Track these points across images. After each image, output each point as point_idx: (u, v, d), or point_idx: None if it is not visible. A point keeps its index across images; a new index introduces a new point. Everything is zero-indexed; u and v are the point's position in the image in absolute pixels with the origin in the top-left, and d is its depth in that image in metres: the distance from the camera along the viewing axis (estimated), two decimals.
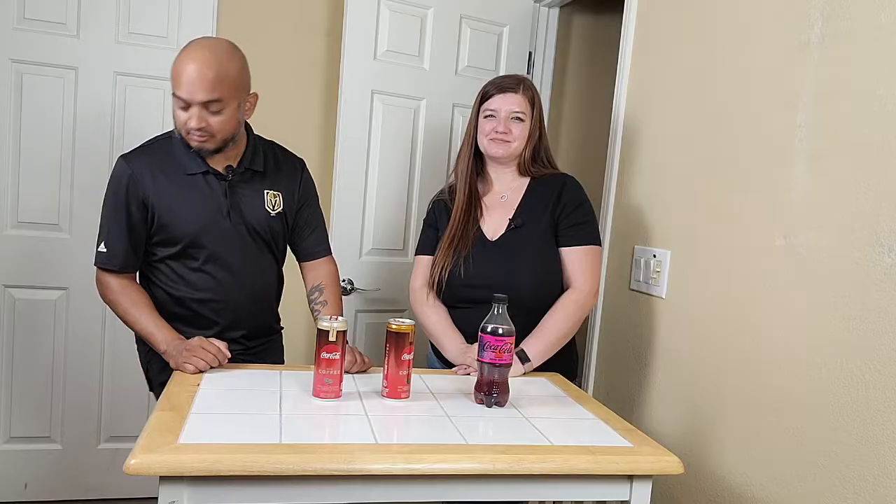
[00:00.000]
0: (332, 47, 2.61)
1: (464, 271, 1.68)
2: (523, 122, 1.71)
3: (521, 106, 1.70)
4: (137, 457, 0.99)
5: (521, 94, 1.71)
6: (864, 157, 1.27)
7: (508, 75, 1.79)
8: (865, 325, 1.24)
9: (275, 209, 1.69)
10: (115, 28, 2.41)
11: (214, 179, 1.61)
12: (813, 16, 1.40)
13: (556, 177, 1.77)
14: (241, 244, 1.64)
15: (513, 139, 1.71)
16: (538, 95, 1.77)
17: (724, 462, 1.57)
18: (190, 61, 1.46)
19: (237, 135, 1.59)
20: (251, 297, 1.69)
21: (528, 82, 1.75)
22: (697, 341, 1.69)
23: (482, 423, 1.28)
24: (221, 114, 1.50)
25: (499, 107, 1.70)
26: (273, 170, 1.72)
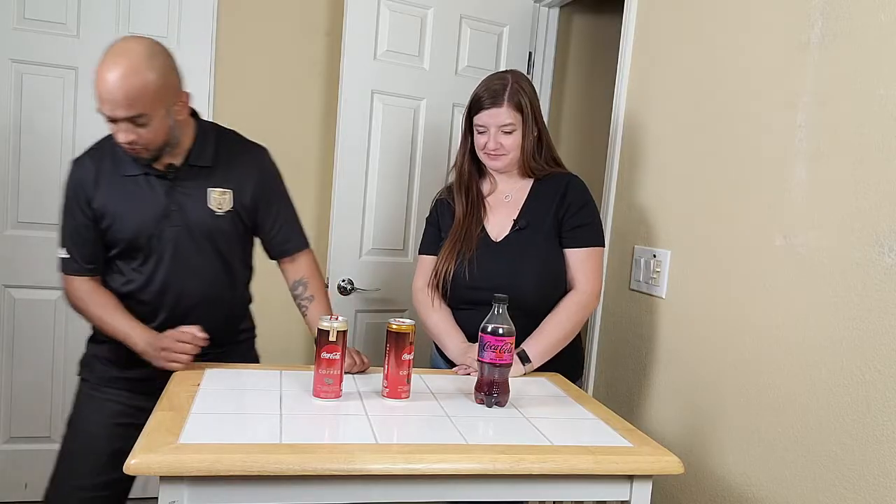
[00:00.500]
0: (332, 47, 2.61)
1: (468, 273, 1.68)
2: (514, 131, 1.67)
3: (508, 118, 1.65)
4: (137, 457, 0.99)
5: (505, 106, 1.64)
6: (864, 157, 1.27)
7: (495, 79, 1.70)
8: (865, 325, 1.24)
9: (221, 208, 1.58)
10: (115, 28, 2.40)
11: (156, 180, 1.54)
12: (813, 16, 1.40)
13: (560, 176, 1.75)
14: (182, 247, 1.56)
15: (506, 151, 1.68)
16: (528, 95, 1.68)
17: (724, 462, 1.57)
18: (107, 75, 1.36)
19: (174, 138, 1.51)
20: (198, 301, 1.60)
21: (515, 86, 1.66)
22: (697, 341, 1.69)
23: (482, 423, 1.28)
24: (149, 126, 1.42)
25: (486, 123, 1.66)
26: (224, 164, 1.61)
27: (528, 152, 1.70)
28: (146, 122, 1.42)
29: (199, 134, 1.60)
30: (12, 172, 2.37)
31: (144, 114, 1.40)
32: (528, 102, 1.67)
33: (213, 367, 1.47)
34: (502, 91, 1.65)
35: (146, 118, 1.41)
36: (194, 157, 1.57)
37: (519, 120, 1.66)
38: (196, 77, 2.50)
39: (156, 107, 1.42)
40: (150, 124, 1.42)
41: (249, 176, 1.63)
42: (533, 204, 1.73)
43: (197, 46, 2.49)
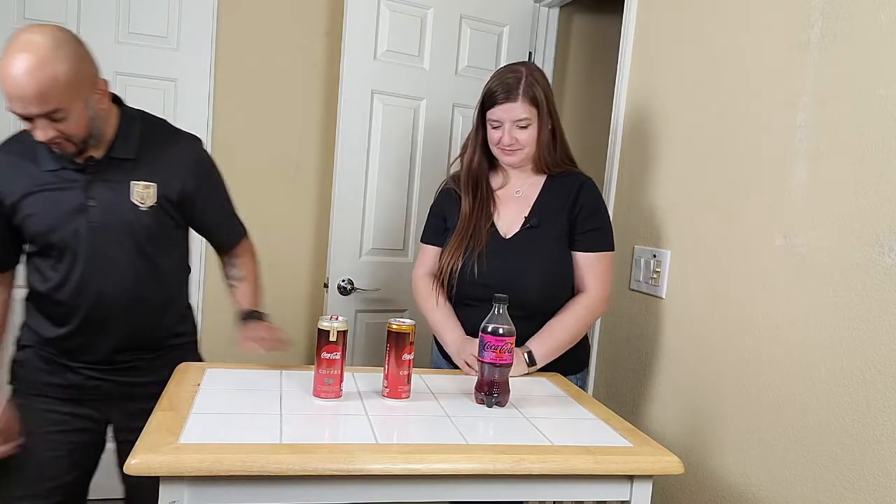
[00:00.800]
0: (332, 47, 2.61)
1: (476, 269, 1.64)
2: (530, 125, 1.63)
3: (523, 112, 1.60)
4: (138, 457, 0.99)
5: (521, 101, 1.60)
6: (864, 157, 1.27)
7: (509, 72, 1.65)
8: (865, 325, 1.24)
9: (144, 203, 1.48)
10: (115, 28, 2.41)
11: (74, 174, 1.44)
12: (813, 16, 1.40)
13: (574, 176, 1.71)
14: (99, 244, 1.46)
15: (521, 146, 1.64)
16: (543, 87, 1.63)
17: (725, 462, 1.57)
18: (13, 71, 1.26)
19: (97, 129, 1.41)
20: (120, 303, 1.50)
21: (529, 79, 1.62)
22: (697, 341, 1.69)
23: (482, 423, 1.27)
24: (68, 120, 1.33)
25: (501, 117, 1.62)
26: (150, 156, 1.50)
27: (543, 147, 1.66)
28: (64, 117, 1.32)
29: (123, 124, 1.50)
30: None
31: (60, 108, 1.31)
32: (543, 95, 1.63)
33: (213, 367, 1.47)
34: (517, 84, 1.60)
35: (63, 112, 1.32)
36: (117, 149, 1.47)
37: (534, 114, 1.62)
38: (196, 77, 2.50)
39: (72, 99, 1.32)
40: (68, 118, 1.33)
41: (178, 168, 1.54)
42: (545, 201, 1.69)
43: (197, 46, 2.50)
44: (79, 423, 1.56)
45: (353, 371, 1.53)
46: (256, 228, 2.64)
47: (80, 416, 1.56)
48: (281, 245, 2.68)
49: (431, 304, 1.74)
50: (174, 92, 2.50)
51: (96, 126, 1.41)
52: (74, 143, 1.38)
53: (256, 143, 2.62)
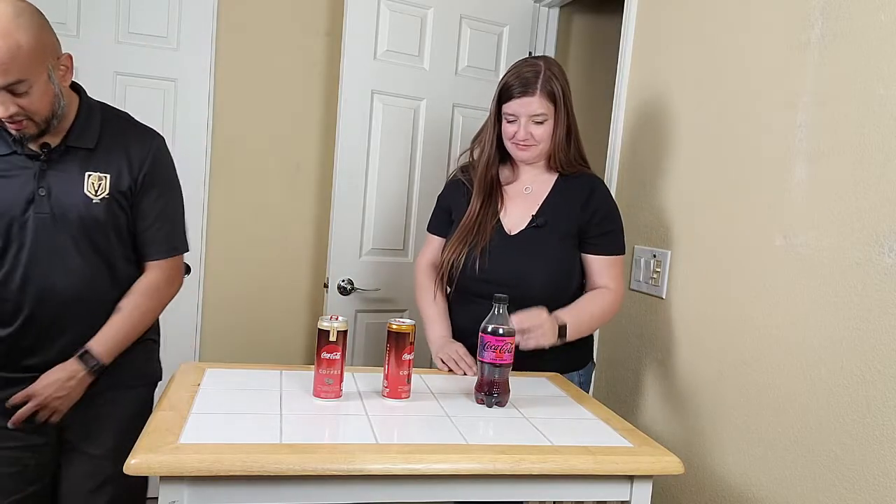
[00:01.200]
0: (332, 47, 2.61)
1: (479, 265, 1.62)
2: (546, 121, 1.61)
3: (540, 107, 1.58)
4: (138, 457, 0.99)
5: (538, 96, 1.58)
6: (864, 157, 1.27)
7: (528, 65, 1.62)
8: (865, 325, 1.24)
9: (98, 194, 1.41)
10: (115, 28, 2.41)
11: (26, 160, 1.38)
12: (813, 16, 1.40)
13: (586, 178, 1.68)
14: (46, 236, 1.38)
15: (536, 142, 1.62)
16: (561, 83, 1.61)
17: (725, 462, 1.57)
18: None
19: (60, 108, 1.36)
20: (69, 300, 1.41)
21: (547, 73, 1.60)
22: (697, 341, 1.69)
23: (482, 423, 1.27)
24: (30, 93, 1.28)
25: (517, 111, 1.60)
26: (107, 147, 1.43)
27: (558, 144, 1.63)
28: (27, 90, 1.28)
29: (83, 112, 1.44)
30: None
31: (23, 79, 1.26)
32: (560, 91, 1.60)
33: (214, 367, 1.47)
34: (535, 79, 1.58)
35: (26, 84, 1.27)
36: (74, 137, 1.41)
37: (552, 110, 1.60)
38: (196, 77, 2.50)
39: (35, 70, 1.28)
40: (31, 92, 1.28)
41: (134, 161, 1.45)
42: (554, 201, 1.66)
43: (197, 46, 2.49)
44: (34, 439, 1.44)
45: (353, 371, 1.53)
46: (257, 228, 2.65)
47: (34, 430, 1.42)
48: (281, 245, 2.68)
49: (429, 297, 1.74)
50: (174, 92, 2.49)
51: (60, 105, 1.36)
52: (36, 122, 1.33)
53: (256, 143, 2.62)
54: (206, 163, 2.56)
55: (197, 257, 2.59)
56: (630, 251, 1.98)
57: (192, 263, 2.58)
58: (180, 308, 2.57)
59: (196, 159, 2.55)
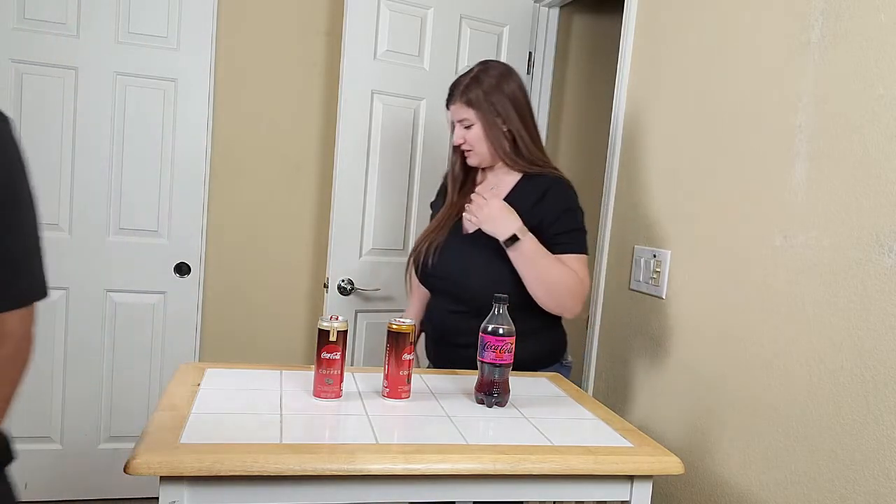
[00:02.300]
0: (332, 47, 2.61)
1: (431, 262, 1.69)
2: (472, 127, 1.65)
3: (462, 113, 1.65)
4: (138, 457, 0.99)
5: (458, 103, 1.65)
6: (864, 158, 1.27)
7: (464, 73, 1.69)
8: (865, 324, 1.24)
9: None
10: (115, 28, 2.41)
11: None
12: (813, 16, 1.40)
13: (546, 178, 1.67)
14: None
15: (470, 146, 1.68)
16: (484, 87, 1.62)
17: (725, 462, 1.57)
18: None
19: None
20: None
21: (472, 80, 1.64)
22: (698, 341, 1.69)
23: (482, 423, 1.28)
24: None
25: (452, 118, 1.70)
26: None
27: (498, 145, 1.65)
28: None
29: None
30: None
31: None
32: (481, 95, 1.62)
33: (214, 367, 1.47)
34: (457, 87, 1.67)
35: None
36: None
37: (472, 114, 1.64)
38: (196, 77, 2.51)
39: None
40: None
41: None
42: (513, 202, 1.62)
43: (197, 46, 2.50)
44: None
45: (353, 371, 1.53)
46: (257, 228, 2.65)
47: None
48: (281, 245, 2.69)
49: (411, 295, 1.90)
50: (174, 92, 2.50)
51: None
52: None
53: (256, 143, 2.62)
54: (206, 163, 2.56)
55: (197, 257, 2.59)
56: (630, 251, 1.98)
57: (192, 263, 2.58)
58: (180, 308, 2.58)
59: (196, 159, 2.55)
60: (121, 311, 2.52)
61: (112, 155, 2.46)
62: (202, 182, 2.56)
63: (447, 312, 1.70)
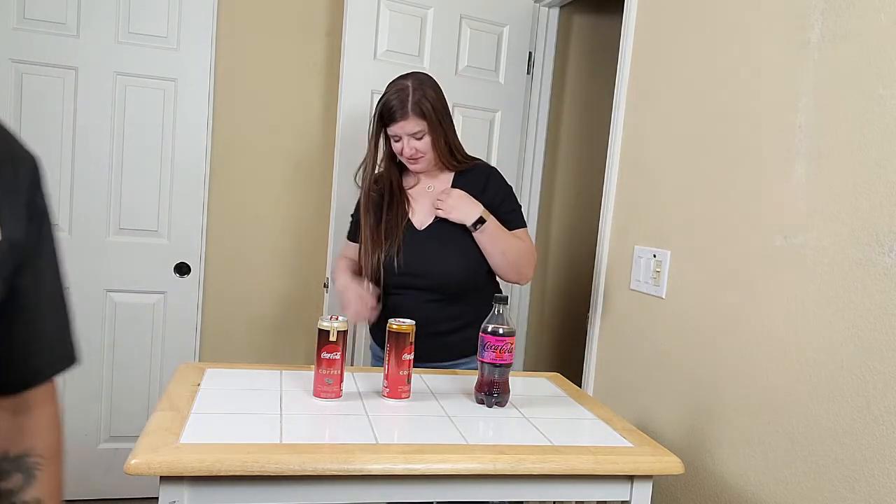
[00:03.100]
0: (332, 47, 2.61)
1: (397, 261, 1.74)
2: (423, 137, 1.74)
3: (414, 126, 1.72)
4: (138, 457, 0.99)
5: (410, 117, 1.71)
6: (864, 158, 1.27)
7: (396, 89, 1.75)
8: (865, 324, 1.24)
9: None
10: (115, 28, 2.41)
11: None
12: (813, 16, 1.40)
13: (479, 168, 1.85)
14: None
15: (422, 154, 1.76)
16: (430, 99, 1.74)
17: (725, 462, 1.57)
18: None
19: None
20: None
21: (417, 94, 1.72)
22: (698, 341, 1.69)
23: (482, 423, 1.28)
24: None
25: (397, 132, 1.75)
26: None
27: (442, 150, 1.78)
28: None
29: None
30: None
31: None
32: (431, 107, 1.74)
33: (214, 367, 1.48)
34: (405, 101, 1.72)
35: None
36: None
37: (425, 125, 1.74)
38: (196, 77, 2.51)
39: None
40: None
41: (23, 186, 0.73)
42: None
43: (197, 46, 2.50)
44: None
45: (353, 371, 1.53)
46: (257, 228, 2.65)
47: None
48: (281, 245, 2.69)
49: (339, 266, 1.87)
50: (174, 92, 2.50)
51: None
52: None
53: (256, 142, 2.62)
54: (205, 163, 2.56)
55: (197, 257, 2.59)
56: (630, 251, 1.98)
57: (192, 263, 2.58)
58: (180, 308, 2.58)
59: (196, 159, 2.55)
60: (121, 310, 2.52)
61: (112, 155, 2.46)
62: (202, 182, 2.57)
63: (423, 304, 1.74)
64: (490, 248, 1.74)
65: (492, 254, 1.75)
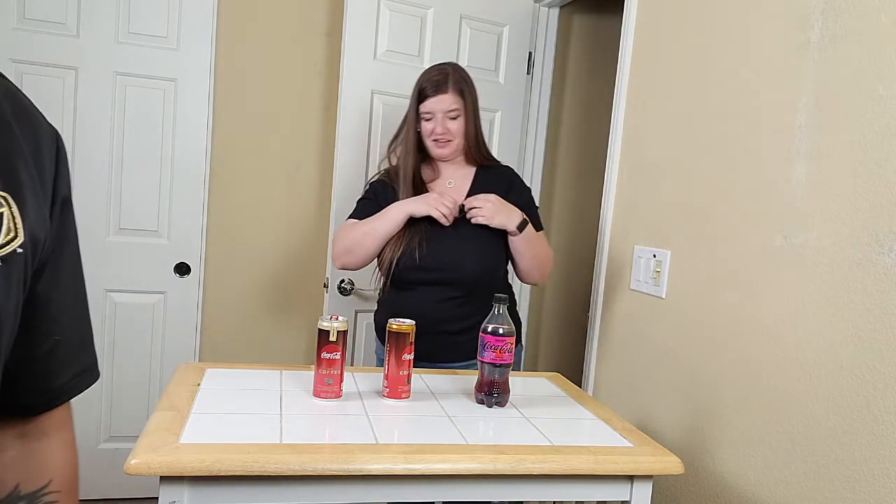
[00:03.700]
0: (332, 47, 2.61)
1: (417, 255, 1.71)
2: (459, 116, 1.76)
3: (452, 103, 1.74)
4: (138, 457, 0.99)
5: (450, 93, 1.74)
6: (864, 158, 1.27)
7: (438, 69, 1.80)
8: (865, 324, 1.24)
9: None
10: (115, 28, 2.41)
11: None
12: (813, 16, 1.40)
13: (502, 169, 1.87)
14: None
15: (452, 136, 1.76)
16: (469, 84, 1.79)
17: (725, 462, 1.57)
18: None
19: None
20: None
21: (456, 74, 1.77)
22: (697, 341, 1.69)
23: (482, 423, 1.28)
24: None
25: (433, 108, 1.75)
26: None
27: (471, 138, 1.79)
28: None
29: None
30: None
31: None
32: (468, 91, 1.78)
33: (214, 367, 1.48)
34: (445, 80, 1.75)
35: None
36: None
37: (462, 105, 1.75)
38: (196, 77, 2.51)
39: None
40: None
41: (47, 170, 0.64)
42: (479, 191, 1.78)
43: (197, 46, 2.50)
44: None
45: (353, 371, 1.53)
46: (257, 228, 2.65)
47: None
48: (281, 244, 2.69)
49: (349, 226, 1.79)
50: (174, 92, 2.50)
51: None
52: None
53: (256, 142, 2.62)
54: (205, 162, 2.56)
55: (197, 257, 2.59)
56: (630, 251, 1.98)
57: (192, 263, 2.58)
58: (180, 308, 2.58)
59: (196, 159, 2.55)
60: (121, 310, 2.52)
61: (112, 154, 2.46)
62: (202, 182, 2.56)
63: (438, 302, 1.73)
64: (525, 250, 1.74)
65: (525, 256, 1.75)
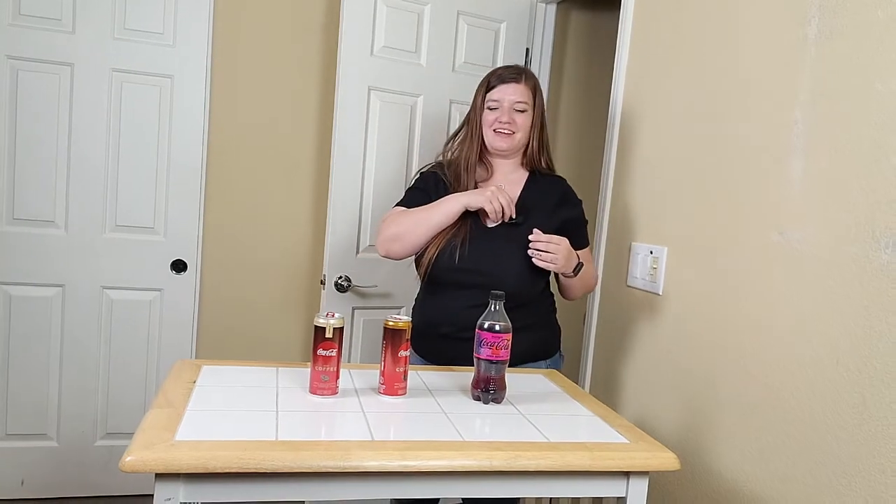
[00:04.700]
0: (328, 43, 2.61)
1: (458, 255, 1.67)
2: (526, 112, 1.73)
3: (523, 96, 1.71)
4: (134, 454, 0.99)
5: (523, 84, 1.72)
6: (861, 154, 1.27)
7: (511, 66, 1.80)
8: (862, 320, 1.24)
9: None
10: (111, 24, 2.40)
11: None
12: (810, 12, 1.40)
13: (555, 177, 1.82)
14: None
15: (516, 129, 1.72)
16: (540, 88, 1.78)
17: (721, 458, 1.57)
18: None
19: None
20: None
21: (530, 72, 1.78)
22: (694, 337, 1.69)
23: (479, 419, 1.27)
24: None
25: (501, 97, 1.71)
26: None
27: (534, 138, 1.76)
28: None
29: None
30: (7, 169, 2.36)
31: None
32: (540, 93, 1.77)
33: (210, 364, 1.47)
34: (520, 73, 1.74)
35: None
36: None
37: (531, 100, 1.73)
38: (193, 74, 2.50)
39: None
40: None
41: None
42: (529, 199, 1.75)
43: (193, 43, 2.49)
44: None
45: (350, 368, 1.53)
46: (253, 225, 2.65)
47: None
48: (278, 241, 2.68)
49: (397, 213, 1.76)
50: (170, 88, 2.49)
51: None
52: None
53: (253, 139, 2.61)
54: (202, 159, 2.56)
55: (193, 254, 2.59)
56: (627, 248, 1.98)
57: (189, 260, 2.58)
58: (177, 305, 2.58)
59: (192, 155, 2.54)
60: (117, 308, 2.52)
61: (108, 151, 2.45)
62: (199, 179, 2.56)
63: (470, 307, 1.63)
64: (577, 283, 1.75)
65: (575, 288, 1.77)
